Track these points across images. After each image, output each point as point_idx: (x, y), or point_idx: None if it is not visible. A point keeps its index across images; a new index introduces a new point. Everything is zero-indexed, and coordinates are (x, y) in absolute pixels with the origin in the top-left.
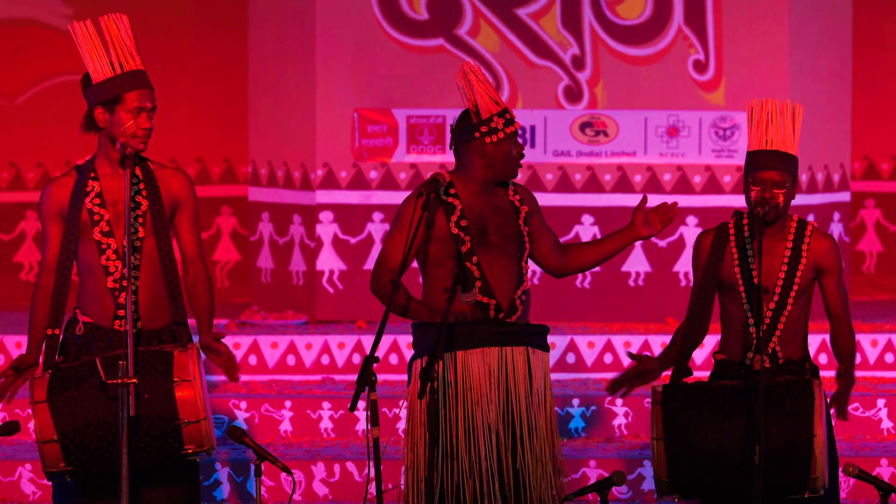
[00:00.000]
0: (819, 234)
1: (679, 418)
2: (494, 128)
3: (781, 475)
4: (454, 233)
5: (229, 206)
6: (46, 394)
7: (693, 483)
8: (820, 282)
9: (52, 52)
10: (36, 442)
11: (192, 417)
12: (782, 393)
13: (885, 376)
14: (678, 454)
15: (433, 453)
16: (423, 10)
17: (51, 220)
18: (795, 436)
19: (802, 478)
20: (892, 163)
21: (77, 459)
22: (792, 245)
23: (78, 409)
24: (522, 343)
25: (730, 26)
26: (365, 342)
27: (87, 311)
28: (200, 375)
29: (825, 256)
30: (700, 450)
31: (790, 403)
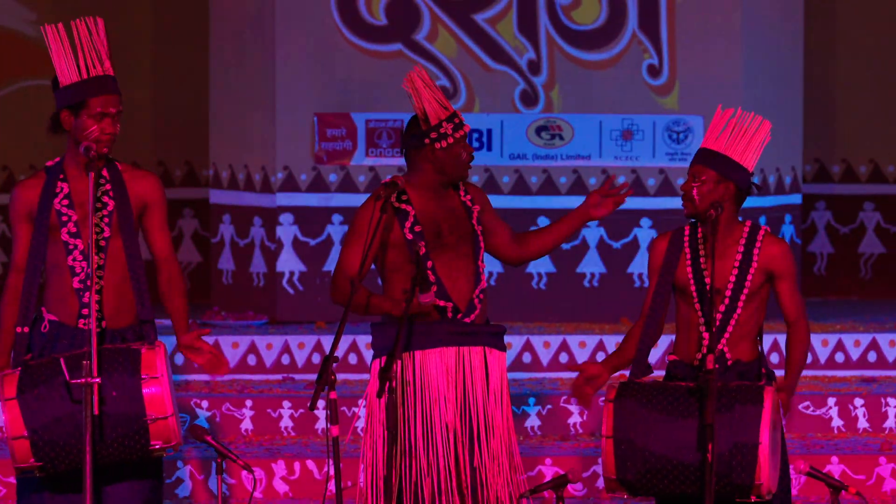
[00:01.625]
0: (771, 239)
1: (629, 417)
2: (444, 133)
3: (728, 478)
4: (409, 238)
5: (191, 208)
6: (17, 391)
7: (642, 482)
8: (773, 287)
9: (17, 57)
10: (6, 438)
11: (159, 414)
12: (733, 398)
13: (836, 375)
14: (627, 452)
15: (392, 451)
16: (381, 15)
17: (20, 221)
18: (742, 441)
19: (747, 483)
20: (842, 166)
21: (46, 455)
22: (743, 249)
23: (46, 405)
24: (479, 343)
25: (683, 32)
26: (324, 342)
27: (53, 309)
28: (168, 373)
29: (777, 261)
30: (649, 450)
31: (739, 409)
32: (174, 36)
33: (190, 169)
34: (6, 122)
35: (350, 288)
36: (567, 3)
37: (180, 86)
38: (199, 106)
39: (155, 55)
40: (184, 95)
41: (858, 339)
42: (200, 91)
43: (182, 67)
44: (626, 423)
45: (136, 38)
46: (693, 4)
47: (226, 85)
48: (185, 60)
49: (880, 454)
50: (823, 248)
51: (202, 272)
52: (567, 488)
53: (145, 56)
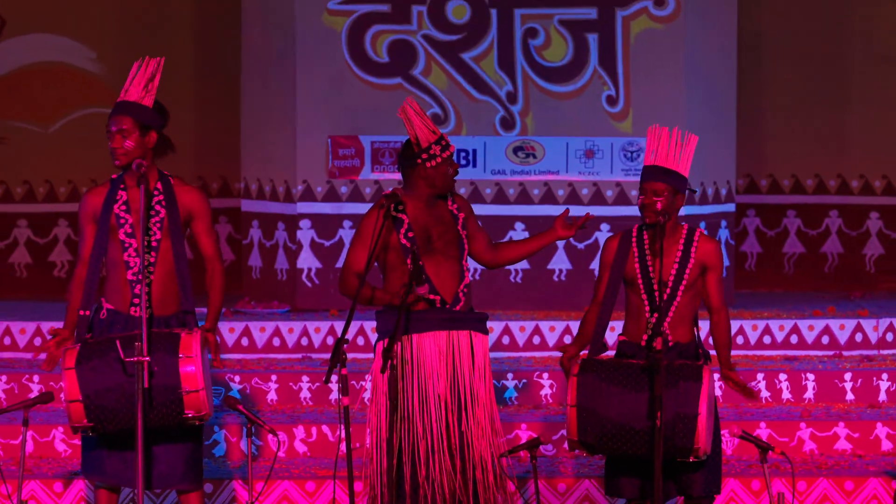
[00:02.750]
0: (706, 239)
1: (590, 389)
2: (433, 154)
3: (671, 442)
4: (403, 243)
5: (225, 215)
6: (75, 362)
7: (599, 443)
8: (703, 278)
9: (81, 89)
10: (65, 401)
11: (192, 387)
12: (677, 375)
13: (763, 354)
14: (587, 419)
15: (393, 418)
16: (384, 54)
17: (87, 221)
18: (682, 412)
19: (688, 446)
20: (768, 180)
21: (96, 417)
22: (682, 248)
23: (99, 376)
24: (466, 328)
25: (636, 68)
26: (337, 327)
27: (110, 299)
28: (202, 354)
29: (710, 256)
30: (606, 417)
31: (682, 385)
32: (212, 70)
33: (224, 182)
34: (72, 143)
35: (357, 283)
36: (539, 43)
37: (217, 112)
38: (232, 129)
39: (196, 86)
40: (220, 120)
41: (782, 325)
42: (233, 117)
43: (218, 97)
44: (587, 394)
45: (181, 71)
46: (644, 45)
47: (255, 112)
48: (221, 91)
49: (801, 420)
50: (753, 248)
51: (235, 269)
52: (539, 449)
53: (189, 87)
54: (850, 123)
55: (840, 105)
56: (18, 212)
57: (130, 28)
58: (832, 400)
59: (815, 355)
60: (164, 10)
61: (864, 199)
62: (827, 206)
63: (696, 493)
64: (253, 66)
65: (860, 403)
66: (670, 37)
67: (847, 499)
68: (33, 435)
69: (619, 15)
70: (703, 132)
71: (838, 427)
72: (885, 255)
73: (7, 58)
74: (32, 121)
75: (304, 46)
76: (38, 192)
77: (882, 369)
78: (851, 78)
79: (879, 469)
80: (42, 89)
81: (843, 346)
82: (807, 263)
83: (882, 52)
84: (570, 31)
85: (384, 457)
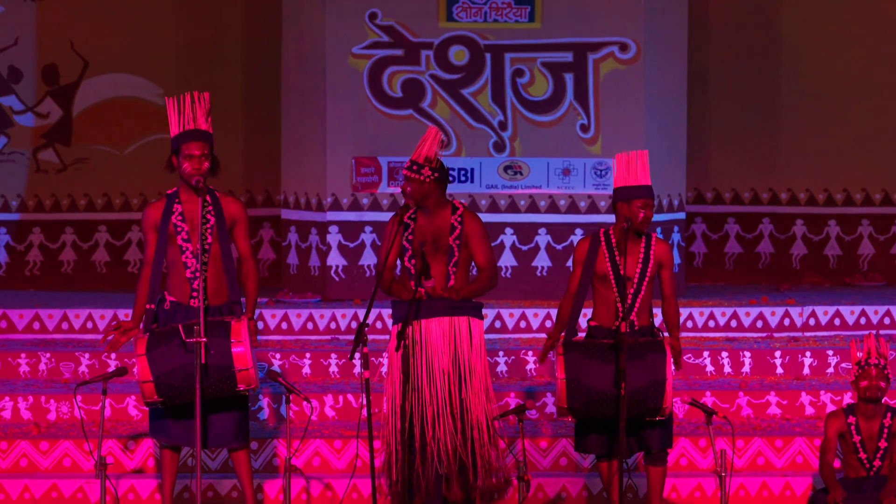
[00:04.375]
0: (660, 241)
1: (576, 364)
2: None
3: (643, 404)
4: (403, 245)
5: (268, 222)
6: (146, 349)
7: (583, 408)
8: (659, 273)
9: (149, 119)
10: (138, 382)
11: (242, 366)
12: (644, 349)
13: (708, 336)
14: (575, 388)
15: (405, 388)
16: (398, 90)
17: (149, 230)
18: (654, 378)
19: (658, 406)
20: (713, 193)
21: (165, 394)
22: (644, 249)
23: (166, 359)
24: (465, 314)
25: (604, 101)
26: (359, 313)
27: (172, 293)
28: (249, 338)
29: (664, 255)
30: (590, 386)
31: (650, 356)
32: (258, 103)
33: (268, 195)
34: (142, 163)
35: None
36: (525, 81)
37: (262, 137)
38: (274, 151)
39: (245, 116)
40: (264, 144)
41: (724, 312)
42: (275, 141)
43: (263, 125)
44: (573, 368)
45: (233, 103)
46: (611, 83)
47: (292, 137)
48: (265, 120)
49: (739, 390)
50: (700, 249)
51: (276, 266)
52: (525, 413)
53: (238, 116)
54: (779, 147)
55: (771, 131)
56: (99, 219)
57: (190, 68)
58: (765, 373)
59: (750, 337)
60: (218, 53)
61: (791, 209)
62: (760, 215)
63: (654, 449)
64: (291, 100)
65: (788, 376)
66: (632, 76)
67: (777, 454)
68: (111, 402)
69: (591, 58)
70: (658, 153)
71: (770, 396)
72: (808, 254)
73: (90, 93)
74: (110, 145)
75: (332, 84)
76: (115, 203)
77: (805, 348)
78: (781, 109)
79: (804, 430)
80: (118, 119)
81: (773, 329)
82: (744, 261)
83: (806, 88)
84: (551, 71)
85: (398, 420)
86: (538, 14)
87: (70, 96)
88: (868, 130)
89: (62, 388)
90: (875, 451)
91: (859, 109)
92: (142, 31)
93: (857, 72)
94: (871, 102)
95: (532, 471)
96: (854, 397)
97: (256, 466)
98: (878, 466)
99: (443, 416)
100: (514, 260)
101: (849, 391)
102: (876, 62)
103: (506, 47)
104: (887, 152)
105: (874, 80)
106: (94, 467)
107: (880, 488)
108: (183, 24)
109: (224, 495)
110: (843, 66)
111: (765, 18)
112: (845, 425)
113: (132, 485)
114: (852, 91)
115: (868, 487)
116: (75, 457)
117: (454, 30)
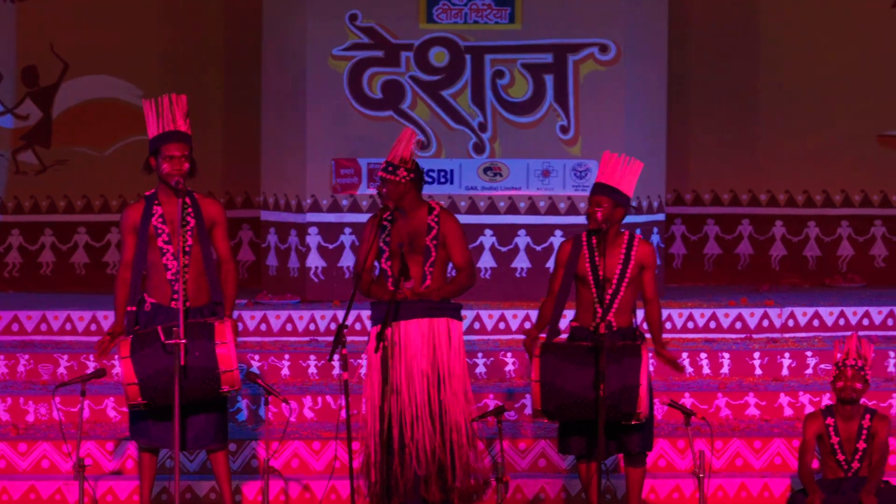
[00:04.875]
0: (643, 243)
1: (550, 367)
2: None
3: (617, 408)
4: (381, 246)
5: (248, 223)
6: (130, 352)
7: (558, 411)
8: (641, 275)
9: (128, 120)
10: (122, 384)
11: (227, 367)
12: (620, 353)
13: (688, 337)
14: (549, 391)
15: (384, 389)
16: (378, 91)
17: (128, 232)
18: (627, 383)
19: (631, 411)
20: (692, 194)
21: (149, 396)
22: (625, 251)
23: (151, 361)
24: (444, 315)
25: (584, 102)
26: (338, 315)
27: (152, 294)
28: (233, 339)
29: (646, 257)
30: (564, 389)
31: (625, 361)
32: (238, 104)
33: (247, 196)
34: (123, 165)
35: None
36: (505, 83)
37: (242, 139)
38: (254, 153)
39: (225, 117)
40: (244, 145)
41: (703, 313)
42: (255, 142)
43: (243, 126)
44: (548, 371)
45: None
46: (591, 84)
47: (272, 138)
48: (245, 121)
49: (718, 391)
50: (680, 250)
51: (255, 268)
52: (504, 415)
53: (218, 118)
54: (759, 148)
55: (750, 133)
56: (78, 220)
57: (170, 70)
58: (744, 374)
59: (729, 338)
60: (198, 55)
61: (770, 210)
62: (740, 216)
63: (633, 450)
64: (271, 101)
65: (766, 377)
66: (612, 77)
67: (756, 456)
68: (89, 404)
69: (571, 59)
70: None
71: (749, 397)
72: (787, 255)
73: (70, 95)
74: (90, 146)
75: (312, 85)
76: (95, 204)
77: (784, 349)
78: (760, 111)
79: (782, 431)
80: (98, 121)
81: (752, 330)
82: (723, 262)
83: (786, 89)
84: (531, 72)
85: (377, 421)
86: (518, 15)
87: (50, 98)
88: (848, 132)
89: (41, 389)
90: (853, 453)
91: (839, 111)
92: (122, 34)
93: (837, 73)
94: (851, 104)
95: (511, 472)
96: (833, 398)
97: (235, 468)
98: (856, 468)
99: (421, 417)
100: (494, 261)
101: (828, 392)
102: (855, 64)
103: (486, 48)
104: (867, 154)
105: (854, 81)
106: (73, 469)
107: (859, 489)
108: (163, 26)
109: (202, 497)
110: (823, 67)
111: (745, 20)
112: (823, 427)
113: (111, 486)
114: (832, 93)
115: (847, 488)
116: (54, 458)
117: (434, 31)
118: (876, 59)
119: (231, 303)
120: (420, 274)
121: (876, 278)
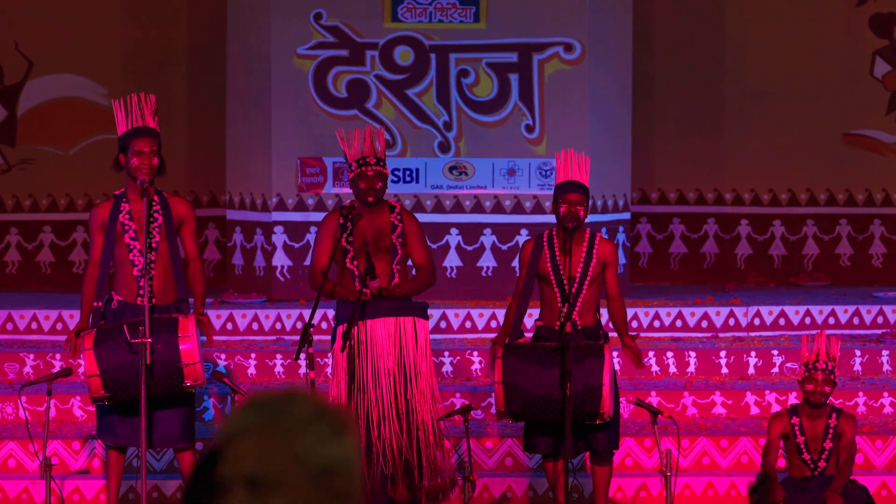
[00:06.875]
0: (605, 241)
1: (513, 368)
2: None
3: (580, 408)
4: (343, 245)
5: (213, 222)
6: (93, 344)
7: (522, 411)
8: (604, 273)
9: (93, 119)
10: (84, 376)
11: (190, 361)
12: (583, 353)
13: (654, 336)
14: (512, 392)
15: (350, 389)
16: (343, 90)
17: (96, 230)
18: (590, 384)
19: (595, 411)
20: (658, 193)
21: (111, 389)
22: (587, 248)
23: (113, 355)
24: (410, 314)
25: (549, 102)
26: (305, 314)
27: (119, 292)
28: (196, 334)
29: (608, 255)
30: (527, 390)
31: (587, 362)
32: (202, 103)
33: (213, 195)
34: (87, 163)
35: (321, 279)
36: (470, 82)
37: (207, 137)
38: (219, 151)
39: (189, 116)
40: (209, 144)
41: (669, 311)
42: (220, 141)
43: (208, 124)
44: (510, 372)
45: (177, 104)
46: (555, 83)
47: (238, 137)
48: (210, 120)
49: (685, 390)
50: (645, 249)
51: (221, 266)
52: (470, 413)
53: (183, 116)
54: (724, 147)
55: (716, 132)
56: (44, 219)
57: (135, 68)
58: (710, 373)
59: (696, 336)
60: (162, 53)
61: (735, 209)
62: (705, 215)
63: (600, 449)
64: (236, 100)
65: (733, 376)
66: (577, 77)
67: (722, 454)
68: (56, 403)
69: (536, 59)
70: (603, 154)
71: (715, 395)
72: (753, 254)
73: (35, 94)
74: (55, 145)
75: (277, 84)
76: (60, 203)
77: (750, 348)
78: (725, 110)
79: (749, 430)
80: (63, 119)
81: (718, 329)
82: (689, 261)
83: (751, 88)
84: (496, 71)
85: None
86: (483, 14)
87: (14, 97)
88: (813, 131)
89: (7, 388)
90: (820, 452)
91: (804, 110)
92: (86, 32)
93: (802, 73)
94: (816, 103)
95: (478, 471)
96: (799, 397)
97: None
98: (822, 467)
99: (388, 416)
100: (460, 260)
101: (794, 391)
102: (820, 63)
103: (451, 48)
104: (832, 153)
105: (819, 80)
106: (39, 468)
107: (825, 488)
108: (127, 25)
109: (169, 496)
110: (788, 66)
111: (710, 19)
112: (789, 426)
113: (77, 485)
114: (797, 92)
115: (813, 487)
116: (20, 457)
117: (399, 30)
118: (842, 59)
119: (201, 299)
120: (387, 272)
121: (841, 277)
